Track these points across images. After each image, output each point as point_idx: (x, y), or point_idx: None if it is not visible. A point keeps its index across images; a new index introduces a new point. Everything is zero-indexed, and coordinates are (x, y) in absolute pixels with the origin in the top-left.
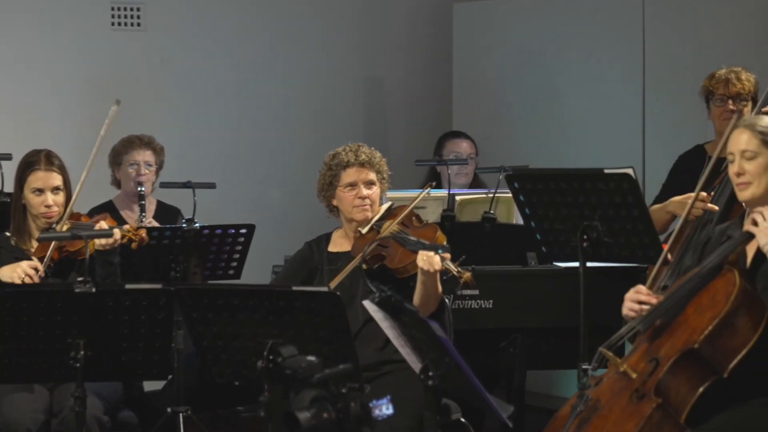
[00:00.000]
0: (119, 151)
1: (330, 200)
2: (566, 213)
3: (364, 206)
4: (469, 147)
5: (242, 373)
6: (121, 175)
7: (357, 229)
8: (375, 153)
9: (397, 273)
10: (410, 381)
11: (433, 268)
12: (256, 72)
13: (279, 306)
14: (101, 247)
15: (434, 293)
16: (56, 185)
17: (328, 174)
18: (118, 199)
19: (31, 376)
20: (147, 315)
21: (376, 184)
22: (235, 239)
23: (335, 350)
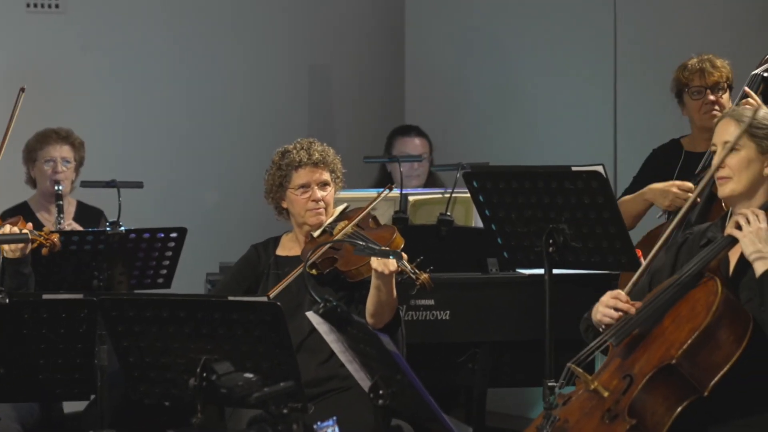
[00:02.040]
0: (33, 146)
1: (279, 202)
2: (530, 215)
3: (317, 209)
4: (422, 145)
5: (173, 393)
6: (36, 173)
7: (308, 232)
8: (329, 150)
9: (349, 276)
10: (358, 400)
11: (388, 269)
12: (189, 60)
13: (214, 318)
14: (10, 254)
15: (389, 299)
16: None
17: (278, 174)
18: (34, 200)
19: None
20: (67, 328)
21: (330, 185)
22: (165, 244)
23: (275, 366)
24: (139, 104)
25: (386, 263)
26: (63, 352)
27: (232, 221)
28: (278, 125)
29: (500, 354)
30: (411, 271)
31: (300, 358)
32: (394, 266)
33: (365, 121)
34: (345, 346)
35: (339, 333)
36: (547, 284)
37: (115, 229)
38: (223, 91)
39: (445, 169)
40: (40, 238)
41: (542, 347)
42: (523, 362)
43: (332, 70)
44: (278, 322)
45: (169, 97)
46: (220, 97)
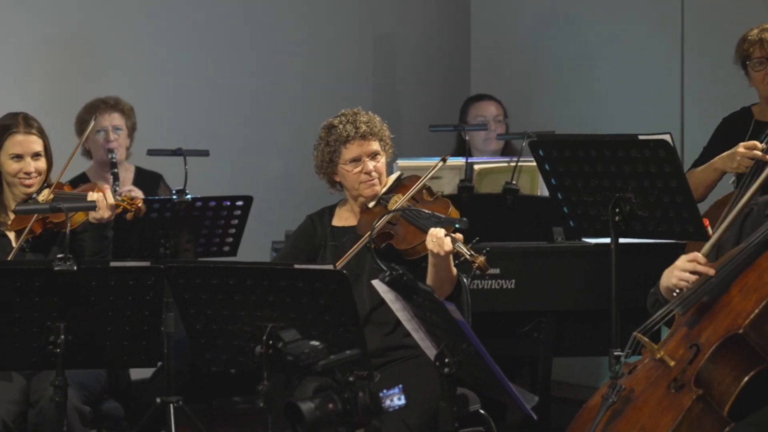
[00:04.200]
0: (84, 117)
1: (331, 177)
2: (596, 184)
3: (371, 181)
4: (496, 109)
5: (239, 360)
6: (89, 144)
7: (363, 203)
8: (374, 119)
9: (406, 254)
10: (424, 369)
11: (443, 251)
12: (256, 30)
13: (280, 286)
14: (94, 219)
15: (448, 276)
16: (36, 150)
17: (327, 150)
18: (91, 171)
19: (6, 362)
20: (134, 296)
21: (380, 154)
22: (231, 212)
23: (341, 335)
24: (206, 73)
25: (441, 245)
26: (130, 320)
27: (298, 189)
28: (343, 95)
29: (565, 323)
30: (467, 253)
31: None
32: (449, 247)
33: (430, 90)
34: (411, 315)
35: (405, 301)
36: (613, 253)
37: (181, 198)
38: (289, 61)
39: (512, 137)
40: (124, 203)
41: (607, 317)
42: (589, 331)
43: (397, 40)
44: (344, 290)
45: (235, 66)
46: (286, 67)
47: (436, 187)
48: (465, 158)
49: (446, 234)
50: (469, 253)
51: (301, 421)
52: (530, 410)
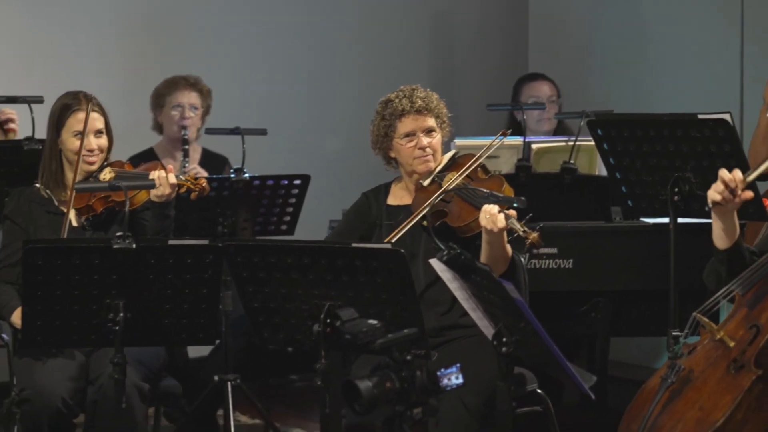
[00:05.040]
0: (162, 92)
1: (387, 152)
2: (655, 163)
3: (425, 157)
4: (550, 89)
5: (296, 339)
6: (163, 119)
7: (418, 180)
8: (431, 95)
9: (460, 232)
10: (481, 348)
11: (497, 227)
12: (313, 8)
13: (337, 264)
14: (156, 198)
15: (502, 254)
16: (98, 128)
17: (382, 124)
18: (160, 146)
19: (65, 340)
20: (192, 274)
21: (436, 131)
22: (289, 191)
23: (399, 313)
24: (263, 51)
25: (494, 221)
26: (188, 298)
27: (355, 168)
28: (400, 72)
29: (623, 303)
30: (521, 229)
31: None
32: (502, 224)
33: (488, 68)
34: (468, 294)
35: (462, 280)
36: (672, 233)
37: (239, 176)
38: (347, 38)
39: (569, 116)
40: (188, 183)
41: (665, 296)
42: (646, 311)
43: (455, 17)
44: (401, 268)
45: (292, 44)
46: (343, 44)
47: (494, 166)
48: (523, 137)
49: (500, 210)
50: (523, 230)
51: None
52: (588, 390)
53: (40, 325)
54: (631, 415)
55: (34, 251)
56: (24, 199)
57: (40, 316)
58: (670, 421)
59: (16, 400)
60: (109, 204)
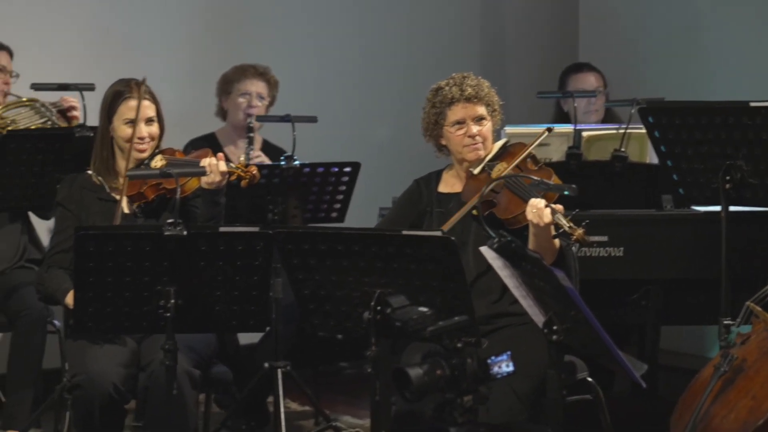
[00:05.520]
0: (230, 78)
1: (438, 139)
2: (707, 151)
3: (475, 145)
4: (597, 80)
5: (346, 326)
6: (229, 105)
7: (468, 168)
8: (482, 83)
9: (508, 223)
10: (531, 336)
11: (543, 222)
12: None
13: (388, 252)
14: (206, 185)
15: (549, 246)
16: (150, 116)
17: (433, 112)
18: (222, 132)
19: (117, 326)
20: (243, 261)
21: (486, 119)
22: (339, 179)
23: (449, 301)
24: (314, 41)
25: (540, 216)
26: (239, 285)
27: (405, 155)
28: (450, 61)
29: (674, 292)
30: (566, 225)
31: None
32: (548, 219)
33: (538, 56)
34: (519, 281)
35: (513, 268)
36: (723, 221)
37: (289, 164)
38: (397, 26)
39: (620, 104)
40: (238, 170)
41: (716, 285)
42: (697, 300)
43: (505, 5)
44: (452, 256)
45: (342, 31)
46: (394, 32)
47: (544, 154)
48: (573, 125)
49: (546, 205)
50: (568, 225)
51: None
52: (639, 378)
53: (91, 312)
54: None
55: (86, 238)
56: (76, 186)
57: (91, 302)
58: (723, 410)
59: (67, 386)
60: (160, 191)
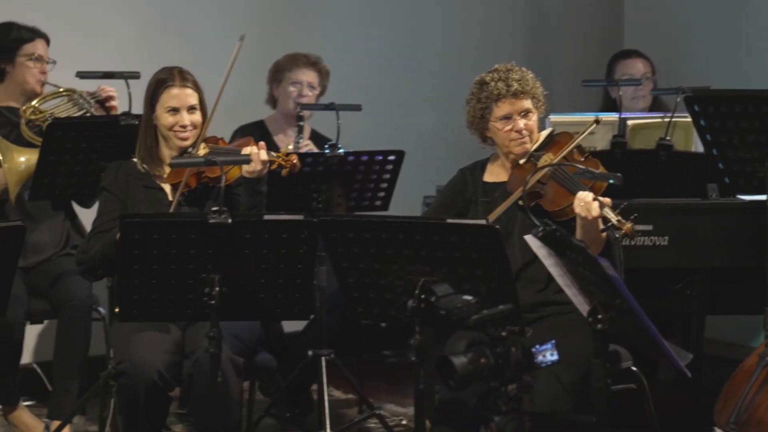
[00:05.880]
0: (282, 67)
1: (483, 132)
2: (753, 140)
3: (522, 139)
4: (645, 66)
5: (390, 314)
6: (279, 94)
7: (514, 159)
8: (527, 76)
9: (555, 216)
10: (576, 325)
11: (591, 216)
12: None
13: (432, 240)
14: (248, 174)
15: (596, 238)
16: (192, 104)
17: (478, 107)
18: (271, 120)
19: (161, 313)
20: (287, 249)
21: (532, 112)
22: (383, 167)
23: (493, 289)
24: (359, 29)
25: (588, 209)
26: (283, 273)
27: (449, 143)
28: (494, 47)
29: (719, 281)
30: (614, 218)
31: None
32: (596, 212)
33: (583, 45)
34: (564, 270)
35: (558, 257)
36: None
37: (333, 152)
38: (441, 14)
39: (665, 93)
40: (279, 159)
41: (762, 274)
42: (743, 289)
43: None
44: (496, 244)
45: (387, 19)
46: (438, 20)
47: (589, 142)
48: (618, 114)
49: (594, 198)
50: (617, 219)
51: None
52: (684, 368)
53: (136, 299)
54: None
55: (131, 225)
56: (122, 172)
57: (136, 290)
58: None
59: (112, 373)
60: (202, 179)
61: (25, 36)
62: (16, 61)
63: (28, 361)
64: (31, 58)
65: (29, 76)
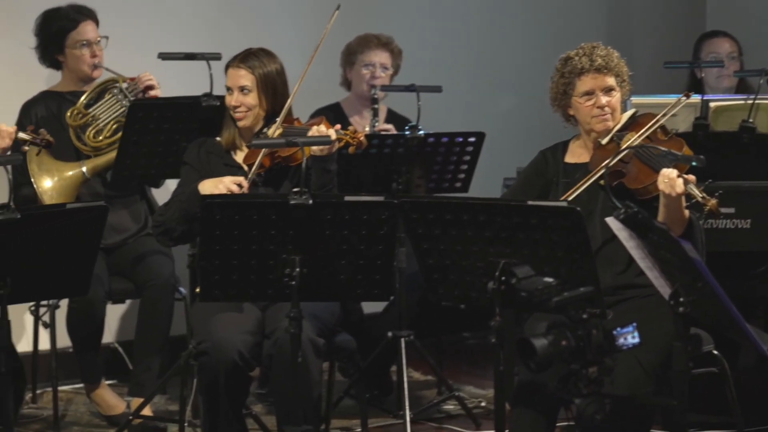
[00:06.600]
0: (354, 49)
1: (565, 110)
2: None
3: (603, 116)
4: (731, 46)
5: (470, 296)
6: (353, 76)
7: (596, 139)
8: (612, 54)
9: (638, 194)
10: (657, 308)
11: (675, 192)
12: None
13: (512, 222)
14: (318, 152)
15: (679, 217)
16: (242, 84)
17: (561, 82)
18: (347, 102)
19: (242, 294)
20: (368, 230)
21: (615, 89)
22: (463, 148)
23: (574, 271)
24: (439, 9)
25: (673, 186)
26: (364, 254)
27: (530, 125)
28: (577, 29)
29: None
30: (699, 195)
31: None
32: (681, 189)
33: (665, 26)
34: (645, 253)
35: (639, 239)
36: None
37: (414, 133)
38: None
39: (749, 74)
40: (346, 137)
41: None
42: None
43: None
44: (577, 227)
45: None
46: (518, 2)
47: (671, 124)
48: (701, 96)
49: (678, 175)
50: (701, 196)
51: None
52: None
53: (217, 280)
54: None
55: (212, 206)
56: (204, 149)
57: (217, 270)
58: None
59: (193, 353)
60: (276, 160)
61: (69, 23)
62: (66, 50)
63: (109, 340)
64: (79, 45)
65: (80, 64)
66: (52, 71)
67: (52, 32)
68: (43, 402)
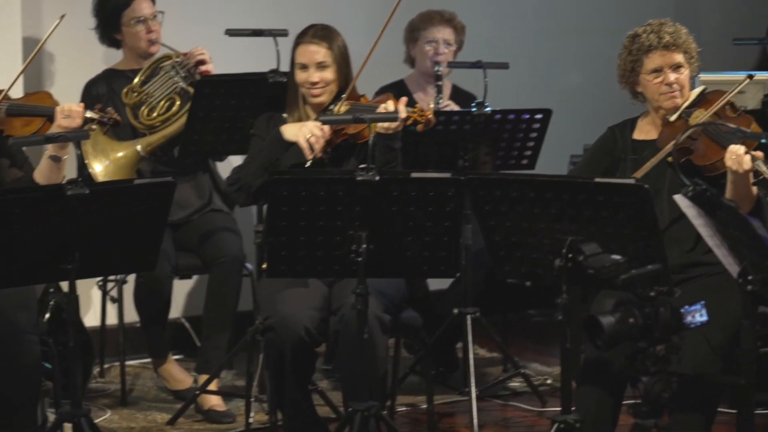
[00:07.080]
0: (416, 26)
1: (633, 86)
2: None
3: (672, 93)
4: None
5: (537, 273)
6: (416, 53)
7: (664, 116)
8: (680, 30)
9: (705, 170)
10: (725, 286)
11: (742, 168)
12: None
13: (579, 199)
14: (383, 130)
15: (747, 194)
16: (320, 60)
17: (629, 59)
18: (411, 79)
19: (309, 270)
20: (434, 206)
21: (684, 66)
22: (530, 125)
23: (642, 249)
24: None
25: (740, 162)
26: (430, 230)
27: (596, 102)
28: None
29: None
30: (767, 172)
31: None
32: (748, 165)
33: (734, 2)
34: (713, 231)
35: (707, 217)
36: None
37: (480, 110)
38: None
39: None
40: (414, 114)
41: None
42: None
43: None
44: (645, 204)
45: None
46: None
47: (740, 102)
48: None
49: (746, 152)
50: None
51: (601, 335)
52: None
53: (284, 256)
54: None
55: (279, 182)
56: (272, 124)
57: (284, 246)
58: None
59: (260, 328)
60: (342, 136)
61: (123, 1)
62: (122, 28)
63: (176, 315)
64: (134, 22)
65: (137, 41)
66: (111, 50)
67: (107, 12)
68: (110, 376)
